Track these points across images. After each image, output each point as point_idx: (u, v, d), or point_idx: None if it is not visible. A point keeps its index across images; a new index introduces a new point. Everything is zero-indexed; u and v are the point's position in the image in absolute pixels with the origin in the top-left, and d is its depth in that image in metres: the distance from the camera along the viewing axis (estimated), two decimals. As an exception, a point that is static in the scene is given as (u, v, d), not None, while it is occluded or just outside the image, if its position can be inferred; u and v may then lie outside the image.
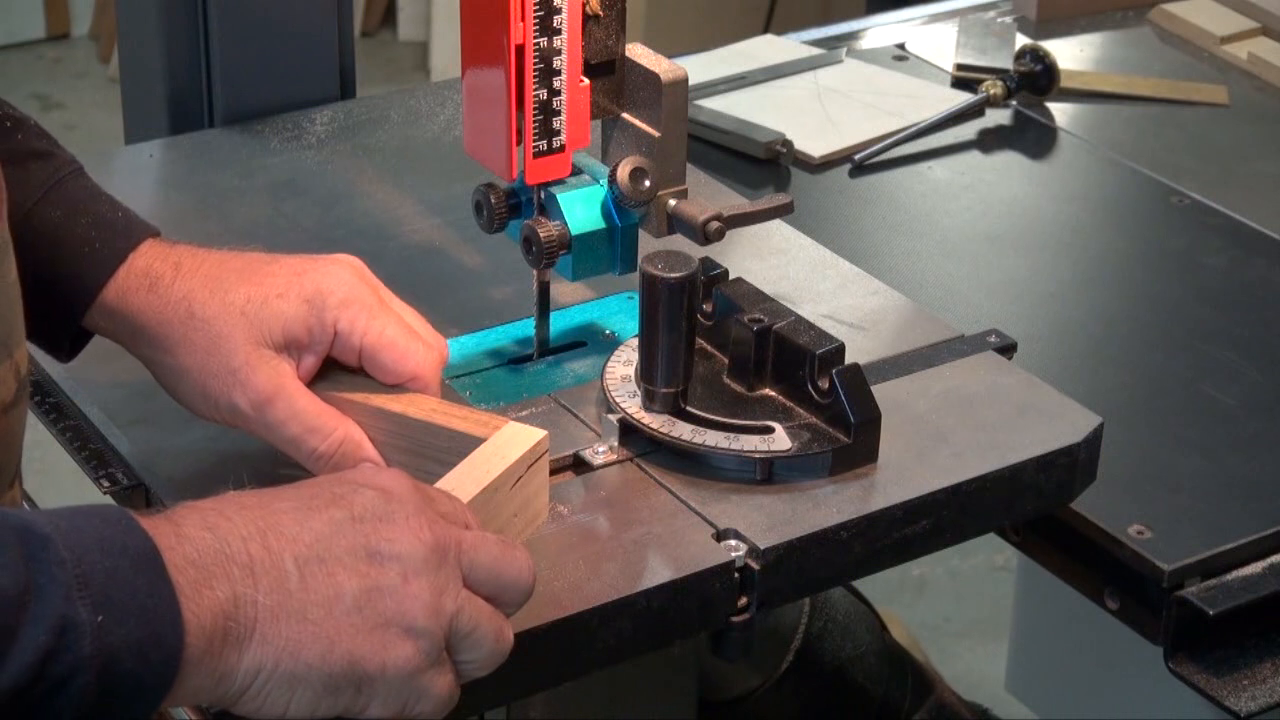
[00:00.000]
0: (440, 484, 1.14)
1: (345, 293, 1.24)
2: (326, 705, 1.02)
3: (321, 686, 1.02)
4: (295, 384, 1.23)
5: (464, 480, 1.15)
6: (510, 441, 1.19)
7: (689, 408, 1.29)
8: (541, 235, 1.35)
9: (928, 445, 1.30)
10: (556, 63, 1.31)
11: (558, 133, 1.33)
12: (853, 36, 2.17)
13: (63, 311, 1.28)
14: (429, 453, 1.24)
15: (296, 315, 1.23)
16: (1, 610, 0.92)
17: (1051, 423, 1.33)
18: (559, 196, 1.35)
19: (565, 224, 1.35)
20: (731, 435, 1.27)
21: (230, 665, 1.00)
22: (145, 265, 1.26)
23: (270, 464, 1.26)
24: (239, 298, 1.23)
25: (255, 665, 1.00)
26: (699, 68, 1.97)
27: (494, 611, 1.07)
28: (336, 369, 1.27)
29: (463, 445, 1.21)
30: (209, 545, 1.00)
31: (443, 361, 1.27)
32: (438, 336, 1.28)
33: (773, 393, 1.31)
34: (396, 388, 1.25)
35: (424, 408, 1.25)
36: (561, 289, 1.45)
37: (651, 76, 1.35)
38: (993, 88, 1.97)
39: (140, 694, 0.96)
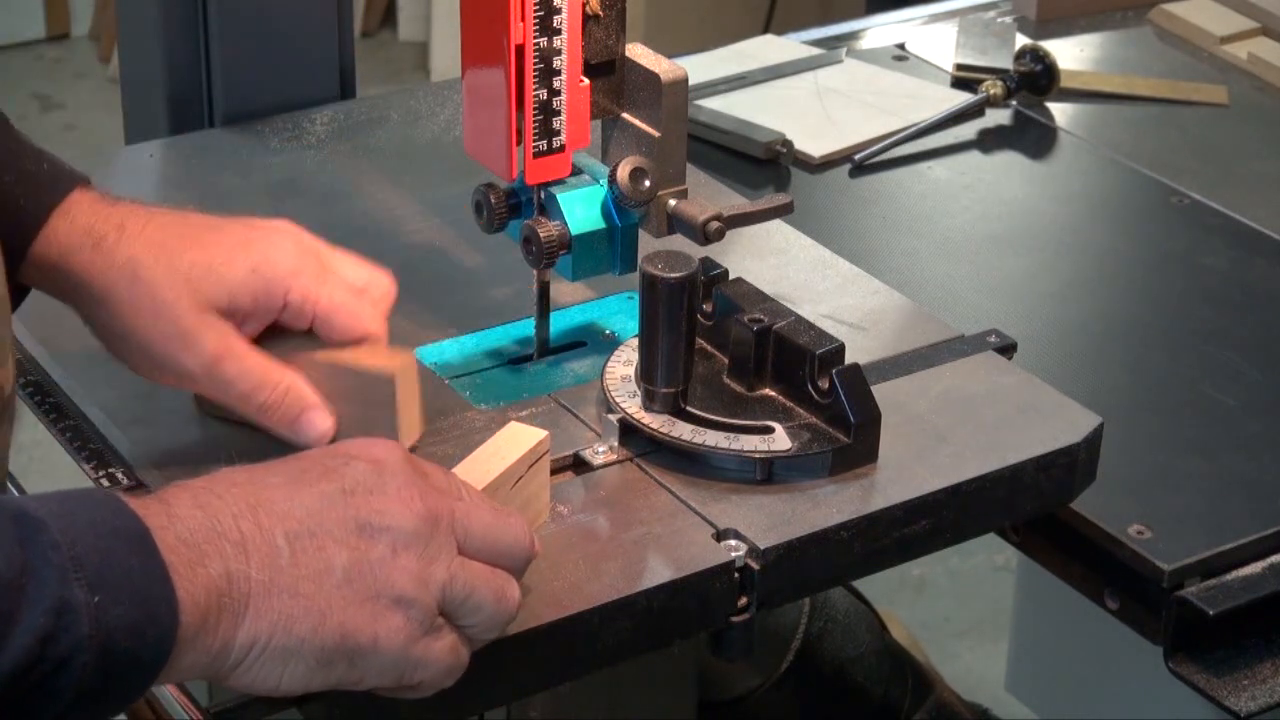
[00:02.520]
0: None
1: (292, 263, 1.26)
2: (320, 678, 1.04)
3: (314, 659, 1.03)
4: (241, 343, 1.25)
5: (464, 478, 1.15)
6: (511, 441, 1.20)
7: (689, 408, 1.29)
8: (541, 235, 1.35)
9: (928, 445, 1.30)
10: (556, 63, 1.31)
11: (558, 133, 1.33)
12: (853, 36, 2.17)
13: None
14: (340, 393, 1.27)
15: (243, 283, 1.24)
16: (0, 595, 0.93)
17: (1051, 423, 1.33)
18: (559, 196, 1.35)
19: (565, 224, 1.35)
20: (731, 435, 1.27)
21: (225, 640, 1.01)
22: (88, 223, 1.26)
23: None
24: (184, 263, 1.24)
25: (249, 639, 1.01)
26: (699, 68, 1.97)
27: (493, 573, 1.08)
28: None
29: (372, 384, 1.25)
30: (200, 523, 1.01)
31: (387, 301, 1.30)
32: (381, 276, 1.31)
33: (773, 393, 1.31)
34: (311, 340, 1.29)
35: (331, 349, 1.28)
36: (561, 289, 1.45)
37: (651, 76, 1.35)
38: (993, 88, 1.97)
39: (138, 671, 0.97)
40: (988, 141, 1.95)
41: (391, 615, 1.04)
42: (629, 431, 1.29)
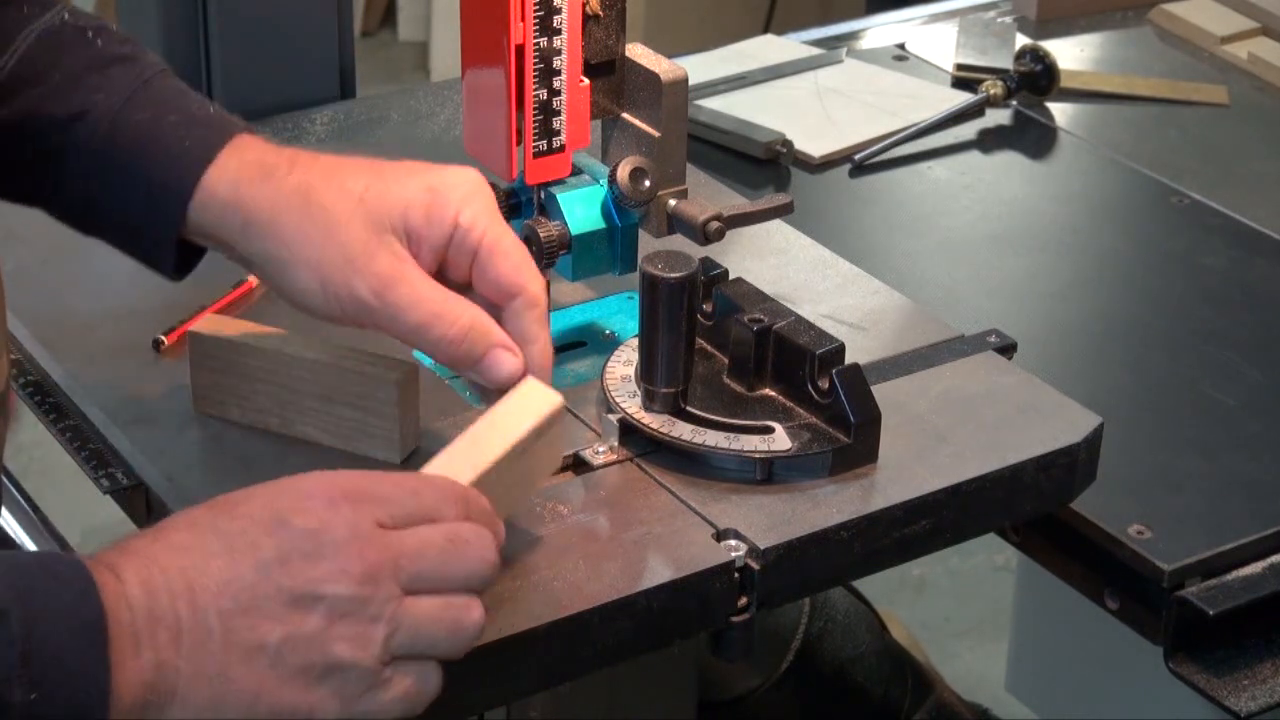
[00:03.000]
0: (437, 462, 1.13)
1: (469, 188, 1.21)
2: None
3: None
4: (416, 270, 1.19)
5: (465, 458, 1.14)
6: (524, 407, 1.18)
7: (689, 408, 1.29)
8: (541, 235, 1.35)
9: (928, 445, 1.30)
10: (556, 63, 1.31)
11: (558, 133, 1.33)
12: (853, 36, 2.17)
13: (160, 217, 1.24)
14: (341, 397, 1.27)
15: (417, 200, 1.19)
16: None
17: (1051, 423, 1.33)
18: (559, 196, 1.35)
19: (565, 224, 1.35)
20: (731, 435, 1.27)
21: None
22: (258, 157, 1.23)
23: (270, 464, 1.27)
24: (358, 185, 1.20)
25: None
26: (699, 68, 1.97)
27: (444, 607, 1.04)
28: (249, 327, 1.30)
29: (375, 389, 1.25)
30: (141, 605, 0.99)
31: (545, 290, 1.24)
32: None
33: (773, 393, 1.31)
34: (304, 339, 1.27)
35: (335, 354, 1.27)
36: (561, 289, 1.45)
37: (651, 76, 1.35)
38: (993, 88, 1.97)
39: None
40: (988, 141, 1.95)
41: (326, 683, 1.01)
42: (629, 431, 1.29)
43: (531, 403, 1.19)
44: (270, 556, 1.02)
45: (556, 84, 1.31)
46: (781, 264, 1.53)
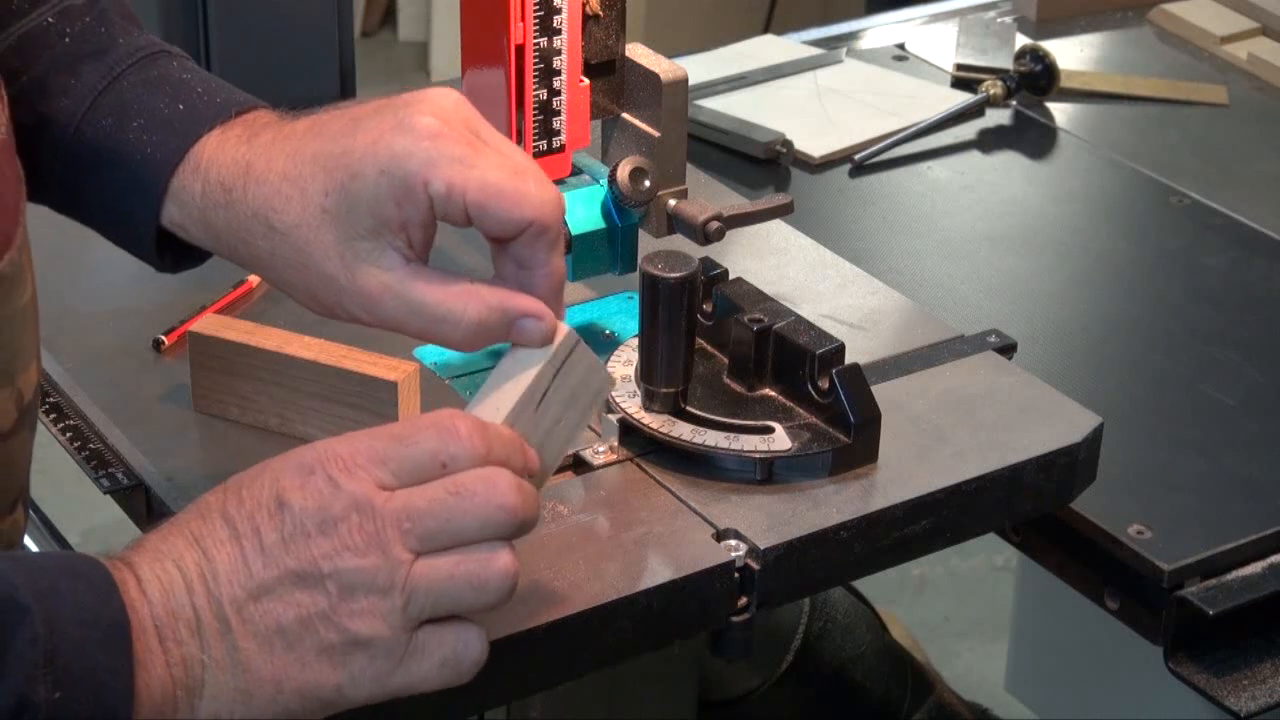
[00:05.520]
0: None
1: (427, 151, 1.08)
2: None
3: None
4: (404, 273, 1.10)
5: (491, 401, 1.09)
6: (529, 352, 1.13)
7: (689, 408, 1.29)
8: (541, 235, 1.35)
9: (928, 445, 1.30)
10: (556, 63, 1.31)
11: (558, 133, 1.33)
12: (853, 36, 2.17)
13: (135, 236, 1.20)
14: (341, 398, 1.27)
15: (377, 193, 1.09)
16: None
17: (1051, 423, 1.33)
18: (559, 196, 1.35)
19: (565, 224, 1.35)
20: (731, 435, 1.27)
21: None
22: (218, 176, 1.15)
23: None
24: (316, 193, 1.11)
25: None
26: (699, 68, 1.98)
27: (458, 562, 1.01)
28: (233, 320, 1.31)
29: (375, 390, 1.25)
30: (160, 602, 0.99)
31: (562, 204, 1.11)
32: (549, 182, 1.11)
33: (773, 393, 1.31)
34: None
35: (334, 354, 1.27)
36: (561, 289, 1.45)
37: (651, 76, 1.35)
38: (993, 88, 1.97)
39: None
40: (988, 141, 1.95)
41: (351, 660, 1.00)
42: (629, 431, 1.29)
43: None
44: (273, 540, 1.01)
45: (556, 84, 1.31)
46: (781, 264, 1.53)
